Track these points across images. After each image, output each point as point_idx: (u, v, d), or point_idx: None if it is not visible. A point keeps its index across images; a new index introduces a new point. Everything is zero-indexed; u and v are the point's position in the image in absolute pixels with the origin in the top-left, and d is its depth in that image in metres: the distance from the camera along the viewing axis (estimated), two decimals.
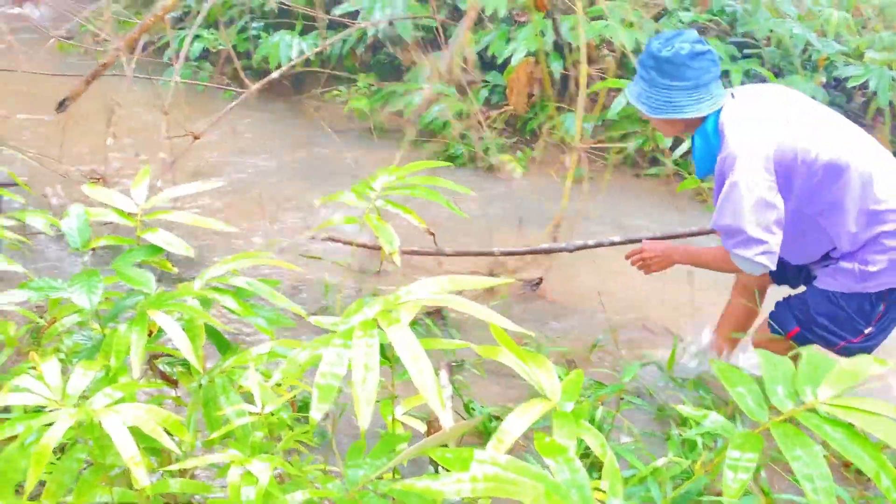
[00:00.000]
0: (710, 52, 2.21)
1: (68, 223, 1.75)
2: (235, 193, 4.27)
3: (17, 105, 3.34)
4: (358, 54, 5.85)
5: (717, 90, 2.23)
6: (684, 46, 2.17)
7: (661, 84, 2.21)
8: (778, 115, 2.21)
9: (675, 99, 2.21)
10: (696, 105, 2.20)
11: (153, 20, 2.99)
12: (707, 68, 2.19)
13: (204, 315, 1.71)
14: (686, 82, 2.19)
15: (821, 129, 2.20)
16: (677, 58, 2.17)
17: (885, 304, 2.27)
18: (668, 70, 2.19)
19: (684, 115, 2.22)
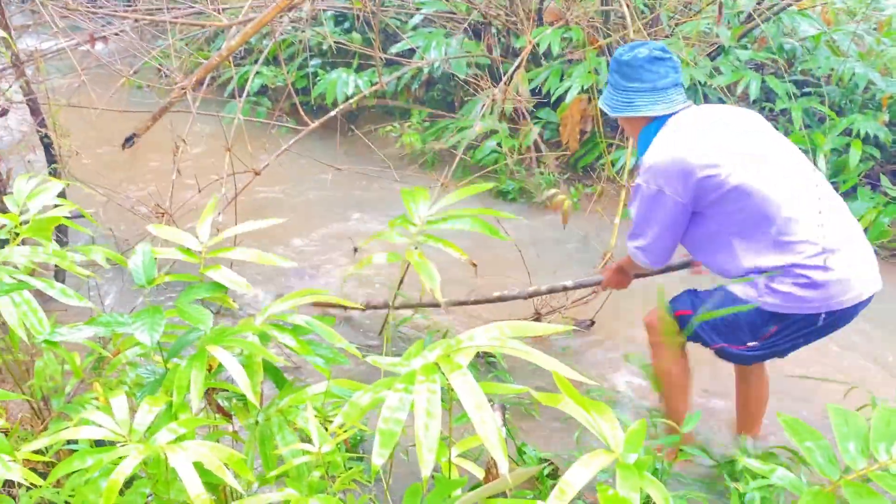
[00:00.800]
0: (669, 59, 2.35)
1: (135, 261, 1.80)
2: (293, 228, 4.35)
3: (86, 140, 3.47)
4: (412, 90, 5.94)
5: (675, 95, 2.34)
6: (643, 51, 2.34)
7: (622, 86, 2.36)
8: (713, 133, 2.27)
9: (633, 99, 2.34)
10: (651, 105, 2.32)
11: (218, 60, 3.09)
12: (664, 73, 2.32)
13: (262, 351, 1.74)
14: (644, 84, 2.32)
15: (747, 154, 2.23)
16: (635, 61, 2.33)
17: (776, 326, 2.26)
18: (628, 73, 2.35)
19: (639, 113, 2.33)
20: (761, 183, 2.18)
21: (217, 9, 3.85)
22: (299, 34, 5.50)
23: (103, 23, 4.45)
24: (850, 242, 2.22)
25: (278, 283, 3.72)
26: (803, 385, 2.93)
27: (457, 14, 5.52)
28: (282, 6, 2.91)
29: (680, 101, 2.35)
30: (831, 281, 2.16)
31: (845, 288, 2.17)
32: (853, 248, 2.22)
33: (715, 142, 2.24)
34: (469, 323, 3.38)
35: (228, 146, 3.10)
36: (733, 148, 2.23)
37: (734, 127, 2.31)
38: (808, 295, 2.18)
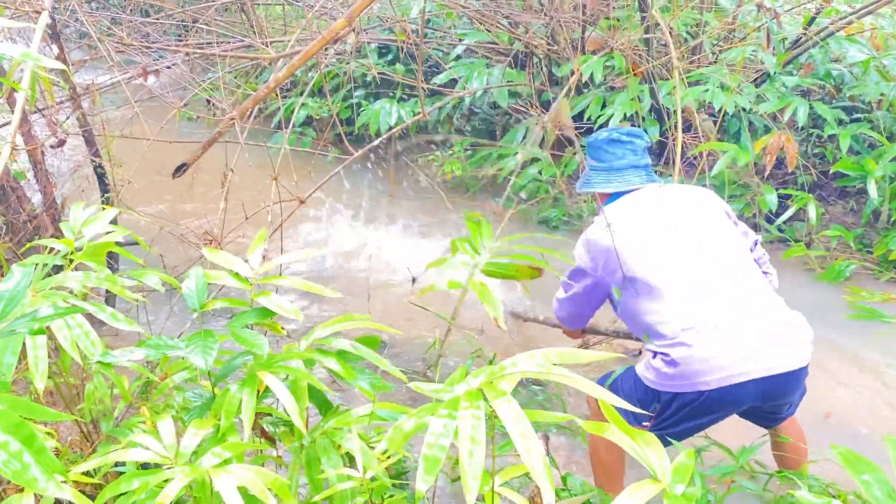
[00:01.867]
0: (630, 143, 2.50)
1: (188, 285, 1.84)
2: (338, 256, 4.40)
3: (138, 170, 3.57)
4: (454, 120, 6.00)
5: (631, 177, 2.48)
6: (603, 133, 2.55)
7: (590, 164, 2.57)
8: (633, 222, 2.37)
9: (592, 177, 2.54)
10: (604, 183, 2.50)
11: (266, 91, 3.16)
12: (621, 155, 2.49)
13: (308, 376, 1.75)
14: (601, 163, 2.51)
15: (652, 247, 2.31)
16: (596, 142, 2.54)
17: (658, 405, 2.24)
18: (591, 153, 2.56)
19: (593, 189, 2.52)
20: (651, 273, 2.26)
21: (265, 42, 3.95)
22: (344, 66, 5.61)
23: (156, 56, 4.60)
24: (742, 323, 2.18)
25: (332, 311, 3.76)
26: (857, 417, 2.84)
27: (499, 44, 5.57)
28: (327, 39, 2.97)
29: (637, 182, 2.47)
30: (694, 358, 2.13)
31: (713, 367, 2.12)
32: (745, 327, 2.18)
33: (630, 232, 2.33)
34: (515, 350, 3.37)
35: (275, 175, 3.16)
36: (641, 240, 2.33)
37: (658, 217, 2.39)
38: (671, 372, 2.17)
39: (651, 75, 4.87)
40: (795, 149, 4.29)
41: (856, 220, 4.75)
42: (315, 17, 4.00)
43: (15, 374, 1.85)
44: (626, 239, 2.31)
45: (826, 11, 5.16)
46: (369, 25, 5.71)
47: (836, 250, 4.48)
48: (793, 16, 5.60)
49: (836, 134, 4.57)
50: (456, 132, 6.05)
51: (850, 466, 1.30)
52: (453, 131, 6.06)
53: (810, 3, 5.46)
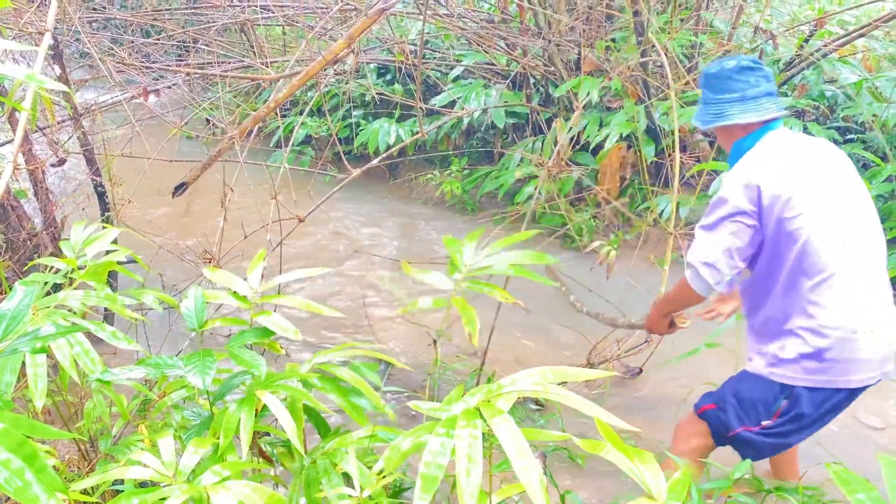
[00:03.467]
0: (760, 69, 2.29)
1: (187, 305, 1.85)
2: (337, 275, 4.42)
3: (138, 188, 3.60)
4: (452, 139, 6.04)
5: (767, 104, 2.27)
6: (730, 63, 2.30)
7: (712, 99, 2.32)
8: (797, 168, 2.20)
9: (724, 109, 2.29)
10: (742, 113, 2.27)
11: (266, 111, 3.19)
12: (755, 82, 2.28)
13: (308, 396, 1.76)
14: (733, 94, 2.28)
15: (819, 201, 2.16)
16: (723, 72, 2.30)
17: (786, 400, 2.20)
18: (717, 84, 2.31)
19: (731, 121, 2.27)
20: (819, 235, 2.12)
21: (264, 62, 3.99)
22: (343, 86, 5.66)
23: (156, 76, 4.64)
24: (887, 322, 2.15)
25: (327, 328, 3.77)
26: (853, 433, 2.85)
27: (496, 66, 5.62)
28: (327, 60, 3.01)
29: (773, 109, 2.28)
30: (850, 360, 2.10)
31: (863, 367, 2.11)
32: (886, 327, 2.15)
33: (795, 177, 2.17)
34: (515, 369, 3.38)
35: (274, 194, 3.18)
36: (810, 190, 2.16)
37: (820, 167, 2.23)
38: (819, 366, 2.12)
39: (647, 96, 4.92)
40: None
41: None
42: (315, 38, 4.04)
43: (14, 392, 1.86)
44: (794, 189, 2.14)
45: (819, 34, 5.23)
46: (368, 46, 5.77)
47: None
48: (787, 38, 5.67)
49: None
50: (454, 151, 6.10)
51: (843, 485, 1.31)
52: (451, 150, 6.10)
53: (804, 25, 5.54)
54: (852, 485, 1.31)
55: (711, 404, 2.36)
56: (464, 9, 5.94)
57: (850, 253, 2.15)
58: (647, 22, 4.49)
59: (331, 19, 4.16)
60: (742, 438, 2.29)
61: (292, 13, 4.70)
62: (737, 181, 2.20)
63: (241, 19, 4.65)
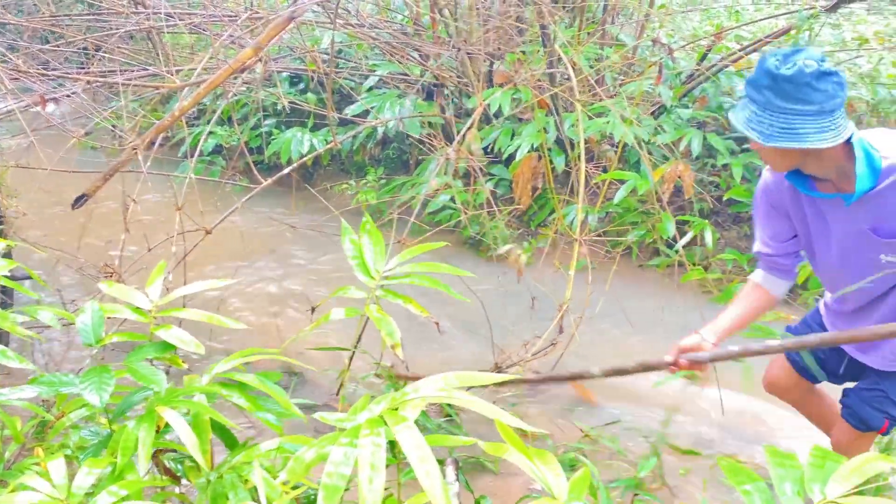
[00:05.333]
0: (836, 73, 1.89)
1: (83, 319, 1.78)
2: (246, 288, 4.33)
3: (36, 201, 3.44)
4: (368, 149, 6.03)
5: (842, 119, 1.91)
6: (810, 64, 1.86)
7: (779, 107, 1.89)
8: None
9: (796, 125, 1.87)
10: (820, 134, 1.86)
11: (170, 120, 3.11)
12: (834, 93, 1.87)
13: (210, 411, 1.72)
14: (810, 106, 1.86)
15: None
16: (801, 76, 1.85)
17: None
18: (789, 91, 1.87)
19: (806, 144, 1.87)
20: None
21: (170, 70, 3.89)
22: (253, 95, 5.57)
23: (55, 84, 4.46)
24: None
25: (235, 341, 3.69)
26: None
27: (410, 76, 5.65)
28: (234, 68, 2.96)
29: (845, 126, 1.92)
30: None
31: None
32: None
33: None
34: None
35: (179, 205, 3.10)
36: None
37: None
38: None
39: (556, 107, 5.05)
40: (691, 177, 4.52)
41: (749, 244, 5.02)
42: (223, 45, 3.97)
43: None
44: None
45: (717, 48, 5.49)
46: (279, 55, 5.70)
47: (732, 273, 4.72)
48: (688, 52, 5.92)
49: (729, 163, 4.84)
50: (370, 161, 6.09)
51: (731, 476, 1.38)
52: (367, 160, 6.09)
53: (703, 40, 5.80)
54: (740, 476, 1.38)
55: (886, 421, 2.27)
56: (376, 19, 5.95)
57: None
58: (554, 35, 4.61)
59: (239, 27, 4.09)
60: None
61: (199, 20, 4.60)
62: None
63: (145, 26, 4.52)
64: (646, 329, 4.13)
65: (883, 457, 1.35)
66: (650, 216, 4.84)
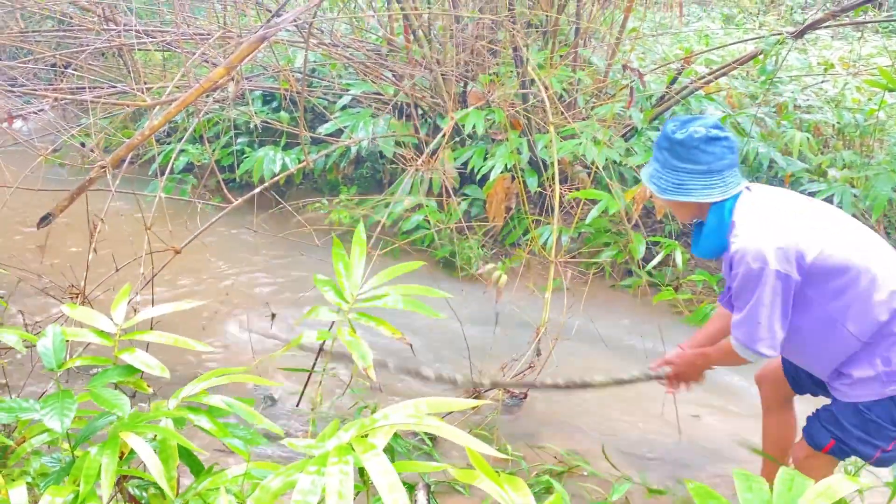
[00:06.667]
0: (726, 139, 2.20)
1: (44, 343, 1.74)
2: (214, 308, 4.28)
3: (2, 220, 3.37)
4: (341, 168, 6.01)
5: (731, 178, 2.21)
6: (699, 130, 2.18)
7: (673, 166, 2.22)
8: (792, 214, 2.21)
9: (686, 182, 2.20)
10: (706, 190, 2.19)
11: (140, 139, 3.08)
12: (721, 155, 2.18)
13: (177, 436, 1.69)
14: (698, 166, 2.18)
15: (833, 230, 2.21)
16: (690, 140, 2.18)
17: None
18: (681, 152, 2.20)
19: (693, 198, 2.20)
20: (859, 259, 2.13)
21: (141, 88, 3.86)
22: (225, 113, 5.54)
23: (23, 101, 4.40)
24: None
25: (201, 364, 3.64)
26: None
27: (383, 95, 5.67)
28: (205, 87, 2.95)
29: (735, 183, 2.21)
30: None
31: None
32: None
33: (810, 224, 2.18)
34: (394, 399, 3.35)
35: (148, 225, 3.06)
36: (827, 228, 2.18)
37: (812, 209, 2.27)
38: None
39: (529, 129, 5.08)
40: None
41: (719, 265, 5.08)
42: (195, 64, 3.95)
43: None
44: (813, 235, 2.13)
45: (686, 72, 5.58)
46: (252, 73, 5.68)
47: (702, 294, 4.77)
48: (658, 75, 6.01)
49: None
50: (343, 180, 6.07)
51: (699, 499, 1.37)
52: (340, 179, 6.07)
53: (673, 63, 5.89)
54: (706, 499, 1.38)
55: (830, 441, 2.32)
56: (350, 39, 5.96)
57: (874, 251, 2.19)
58: (527, 58, 4.65)
59: (211, 46, 4.07)
60: (882, 459, 2.28)
61: (171, 38, 4.58)
62: (764, 247, 2.14)
63: (116, 43, 4.48)
64: (619, 349, 4.15)
65: (850, 478, 1.36)
66: (622, 237, 4.88)
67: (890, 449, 2.24)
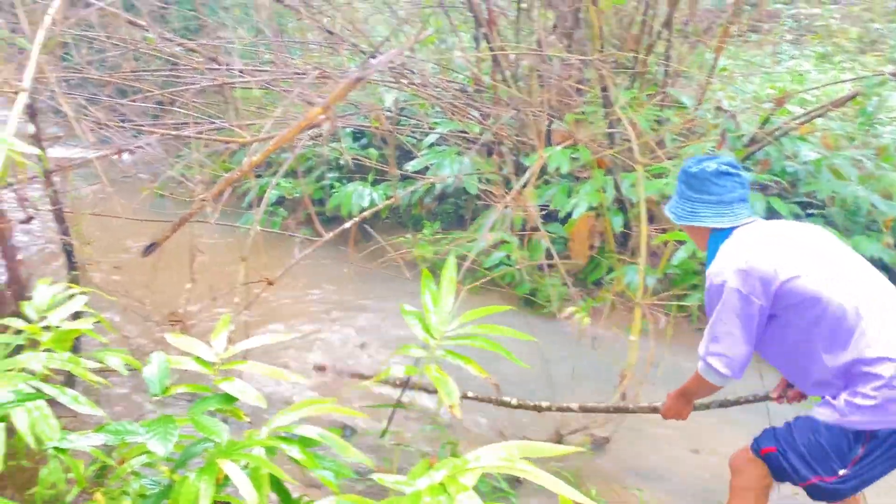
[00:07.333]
0: (737, 175, 2.42)
1: (149, 370, 1.83)
2: (305, 339, 4.38)
3: (107, 247, 3.57)
4: (425, 203, 6.11)
5: (740, 210, 2.40)
6: (711, 165, 2.41)
7: (688, 196, 2.45)
8: (774, 243, 2.30)
9: (699, 210, 2.42)
10: (716, 217, 2.39)
11: (240, 174, 3.21)
12: (731, 188, 2.39)
13: (270, 465, 1.74)
14: (710, 196, 2.40)
15: (815, 262, 2.25)
16: (703, 174, 2.41)
17: (863, 447, 2.20)
18: (695, 184, 2.43)
19: (703, 223, 2.41)
20: (835, 292, 2.18)
21: (240, 125, 4.04)
22: (318, 149, 5.72)
23: (130, 135, 4.66)
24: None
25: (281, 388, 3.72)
26: None
27: (469, 133, 5.74)
28: (303, 126, 3.06)
29: (745, 215, 2.40)
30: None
31: None
32: None
33: (789, 251, 2.27)
34: (477, 438, 3.34)
35: (244, 256, 3.18)
36: (807, 257, 2.26)
37: (803, 239, 2.35)
38: (886, 407, 2.12)
39: (614, 167, 5.05)
40: None
41: None
42: (292, 102, 4.11)
43: None
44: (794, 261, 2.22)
45: (780, 112, 5.44)
46: (344, 112, 5.86)
47: None
48: (750, 115, 5.88)
49: None
50: (427, 215, 6.16)
51: None
52: (424, 214, 6.16)
53: (766, 103, 5.75)
54: None
55: (772, 447, 2.35)
56: (438, 79, 6.08)
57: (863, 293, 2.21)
58: (615, 97, 4.64)
59: (307, 86, 4.24)
60: (817, 487, 2.28)
61: (269, 77, 4.78)
62: (727, 267, 2.28)
63: (219, 82, 4.71)
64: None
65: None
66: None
67: (828, 480, 2.24)
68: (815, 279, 2.20)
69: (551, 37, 5.66)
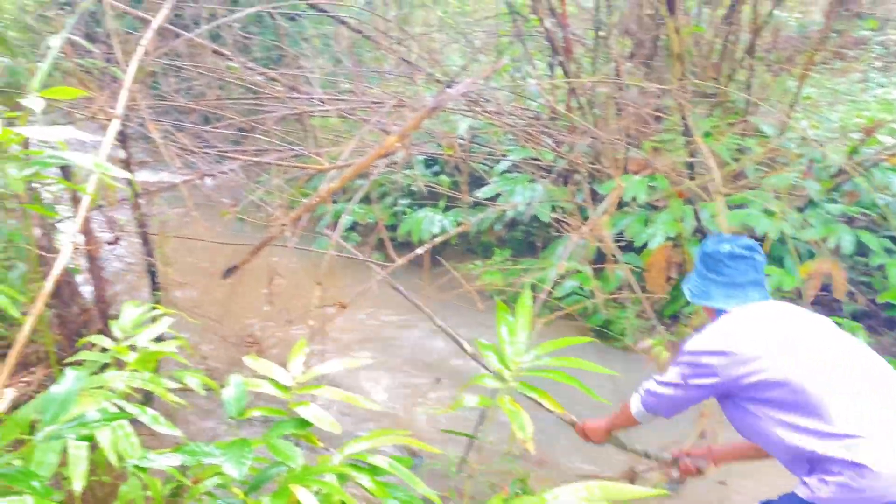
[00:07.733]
0: (752, 258, 2.40)
1: (227, 392, 1.85)
2: (379, 364, 4.40)
3: (188, 268, 3.68)
4: (495, 230, 6.09)
5: (752, 293, 2.37)
6: (725, 246, 2.42)
7: (703, 275, 2.46)
8: (755, 324, 2.26)
9: (710, 290, 2.43)
10: (725, 299, 2.38)
11: (318, 200, 3.27)
12: (744, 271, 2.38)
13: (341, 492, 1.73)
14: (722, 277, 2.41)
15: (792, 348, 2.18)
16: (717, 254, 2.43)
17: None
18: (710, 264, 2.44)
19: (711, 304, 2.41)
20: (806, 381, 2.13)
21: (318, 152, 4.11)
22: (391, 176, 5.78)
23: (213, 161, 4.81)
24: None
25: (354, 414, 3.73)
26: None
27: (542, 161, 5.71)
28: (379, 154, 3.09)
29: (756, 298, 2.37)
30: (883, 473, 2.01)
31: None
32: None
33: (758, 334, 2.23)
34: (547, 473, 3.27)
35: (319, 280, 3.22)
36: (774, 341, 2.22)
37: (783, 321, 2.30)
38: (862, 485, 2.03)
39: (694, 197, 4.92)
40: (843, 276, 4.24)
41: None
42: (369, 131, 4.17)
43: None
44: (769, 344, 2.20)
45: (869, 141, 5.21)
46: (418, 139, 5.92)
47: None
48: (836, 145, 5.66)
49: (884, 263, 4.51)
50: (497, 242, 6.13)
51: None
52: (494, 241, 6.14)
53: (854, 132, 5.53)
54: None
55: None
56: (512, 106, 6.09)
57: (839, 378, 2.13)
58: (695, 126, 4.54)
59: (384, 115, 4.29)
60: None
61: (347, 106, 4.87)
62: (698, 349, 2.28)
63: (299, 110, 4.82)
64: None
65: None
66: None
67: None
68: (784, 366, 2.15)
69: (628, 64, 5.60)
